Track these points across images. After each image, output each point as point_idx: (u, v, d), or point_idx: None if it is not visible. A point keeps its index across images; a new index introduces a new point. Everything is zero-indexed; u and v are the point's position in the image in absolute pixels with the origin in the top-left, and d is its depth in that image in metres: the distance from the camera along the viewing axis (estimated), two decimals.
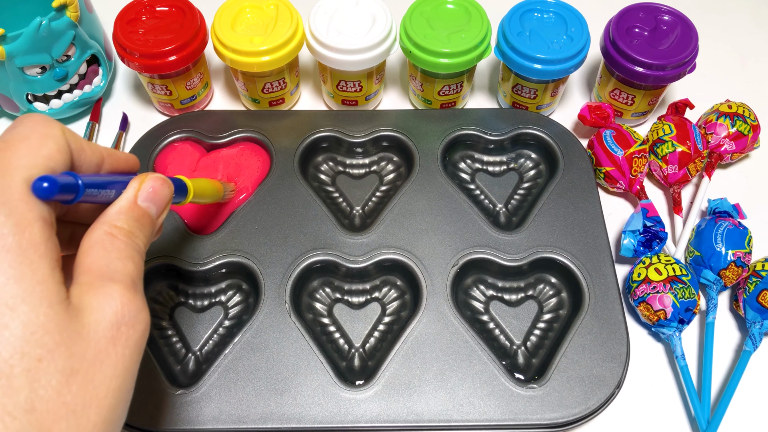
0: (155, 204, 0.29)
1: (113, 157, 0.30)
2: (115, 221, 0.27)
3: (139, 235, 0.28)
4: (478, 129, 0.52)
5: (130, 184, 0.29)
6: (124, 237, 0.27)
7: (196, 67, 0.54)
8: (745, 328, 0.46)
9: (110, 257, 0.26)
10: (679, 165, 0.51)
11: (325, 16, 0.51)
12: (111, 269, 0.26)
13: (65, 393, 0.22)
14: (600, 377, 0.41)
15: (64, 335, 0.23)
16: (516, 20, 0.51)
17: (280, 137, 0.51)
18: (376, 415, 0.40)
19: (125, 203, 0.28)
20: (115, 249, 0.26)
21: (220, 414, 0.40)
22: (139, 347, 0.26)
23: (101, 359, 0.24)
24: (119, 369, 0.24)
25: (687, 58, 0.50)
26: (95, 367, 0.23)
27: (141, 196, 0.29)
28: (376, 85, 0.55)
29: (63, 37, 0.50)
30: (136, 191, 0.29)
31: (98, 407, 0.23)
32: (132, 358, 0.25)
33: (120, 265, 0.26)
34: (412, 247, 0.46)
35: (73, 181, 0.25)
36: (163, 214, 0.30)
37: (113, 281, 0.25)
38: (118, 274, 0.26)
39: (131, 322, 0.25)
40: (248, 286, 0.47)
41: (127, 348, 0.25)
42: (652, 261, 0.46)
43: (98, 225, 0.27)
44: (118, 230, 0.27)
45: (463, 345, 0.42)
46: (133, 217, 0.28)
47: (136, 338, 0.25)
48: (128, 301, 0.25)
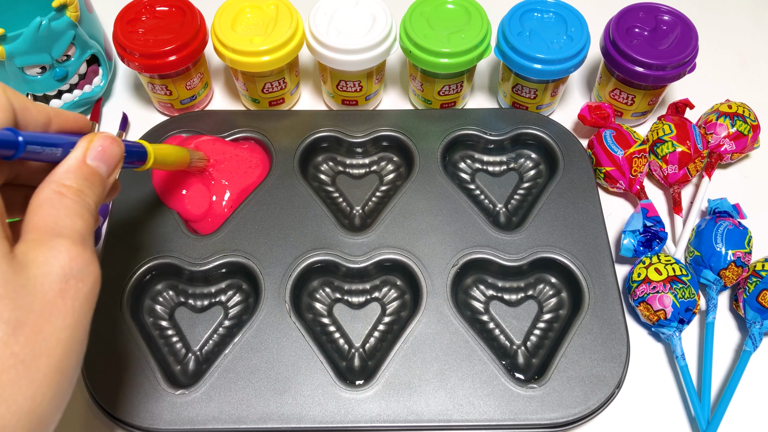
0: (105, 163, 0.29)
1: (61, 117, 0.30)
2: (63, 180, 0.27)
3: (89, 193, 0.28)
4: (478, 129, 0.52)
5: (78, 143, 0.29)
6: (72, 195, 0.27)
7: (196, 67, 0.54)
8: (745, 328, 0.46)
9: (59, 214, 0.26)
10: (679, 165, 0.51)
11: (325, 16, 0.51)
12: (59, 225, 0.25)
13: (12, 343, 0.22)
14: (600, 377, 0.41)
15: (9, 288, 0.23)
16: (516, 20, 0.51)
17: (280, 137, 0.51)
18: (376, 415, 0.40)
19: (74, 162, 0.28)
20: (63, 206, 0.26)
21: (220, 414, 0.40)
22: (89, 300, 0.26)
23: (50, 311, 0.24)
24: (69, 320, 0.24)
25: (687, 58, 0.50)
26: (43, 319, 0.23)
27: (90, 154, 0.28)
28: (376, 85, 0.55)
29: (63, 37, 0.50)
30: (85, 150, 0.28)
31: (48, 357, 0.23)
32: (82, 310, 0.25)
33: (69, 221, 0.26)
34: (412, 247, 0.46)
35: (12, 136, 0.25)
36: (114, 174, 0.30)
37: (61, 236, 0.25)
38: (66, 229, 0.26)
39: (80, 275, 0.25)
40: (248, 286, 0.47)
41: (77, 300, 0.25)
42: (652, 261, 0.46)
43: (46, 184, 0.27)
44: (67, 188, 0.27)
45: (463, 345, 0.42)
46: (82, 176, 0.28)
47: (85, 291, 0.25)
48: (76, 255, 0.25)
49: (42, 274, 0.24)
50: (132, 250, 0.46)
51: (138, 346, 0.42)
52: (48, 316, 0.24)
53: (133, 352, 0.42)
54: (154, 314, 0.46)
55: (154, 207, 0.48)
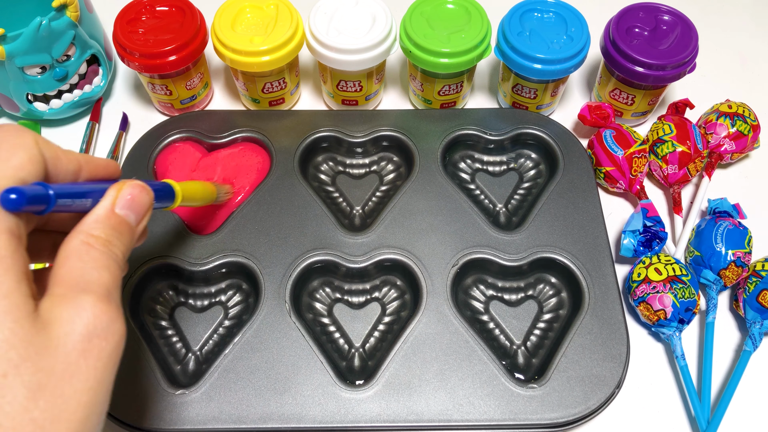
0: (134, 211, 0.29)
1: (91, 164, 0.29)
2: (91, 230, 0.27)
3: (117, 243, 0.27)
4: (478, 129, 0.52)
5: (107, 191, 0.28)
6: (100, 246, 0.26)
7: (196, 67, 0.54)
8: (745, 328, 0.46)
9: (85, 267, 0.25)
10: (679, 165, 0.51)
11: (325, 16, 0.51)
12: (85, 279, 0.25)
13: (32, 408, 0.22)
14: (600, 377, 0.41)
15: (31, 350, 0.22)
16: (516, 20, 0.51)
17: (280, 137, 0.51)
18: (376, 415, 0.40)
19: (102, 211, 0.27)
20: (90, 258, 0.26)
21: (220, 414, 0.40)
22: (112, 359, 0.25)
23: (71, 372, 0.23)
24: (91, 382, 0.24)
25: (687, 58, 0.50)
26: (64, 381, 0.23)
27: (119, 203, 0.28)
28: (376, 85, 0.55)
29: (63, 37, 0.50)
30: (114, 199, 0.28)
31: (68, 422, 0.23)
32: (105, 370, 0.24)
33: (95, 275, 0.25)
34: (412, 247, 0.46)
35: (43, 191, 0.24)
36: (143, 222, 0.30)
37: (86, 292, 0.25)
38: (92, 284, 0.25)
39: (104, 333, 0.24)
40: (248, 286, 0.47)
41: (100, 360, 0.24)
42: (652, 261, 0.46)
43: (74, 234, 0.26)
44: (95, 239, 0.26)
45: (463, 345, 0.42)
46: (110, 226, 0.27)
47: (109, 350, 0.25)
48: (101, 312, 0.24)
49: (65, 333, 0.23)
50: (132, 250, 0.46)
51: (138, 346, 0.42)
52: (69, 378, 0.23)
53: (133, 352, 0.42)
54: (154, 314, 0.46)
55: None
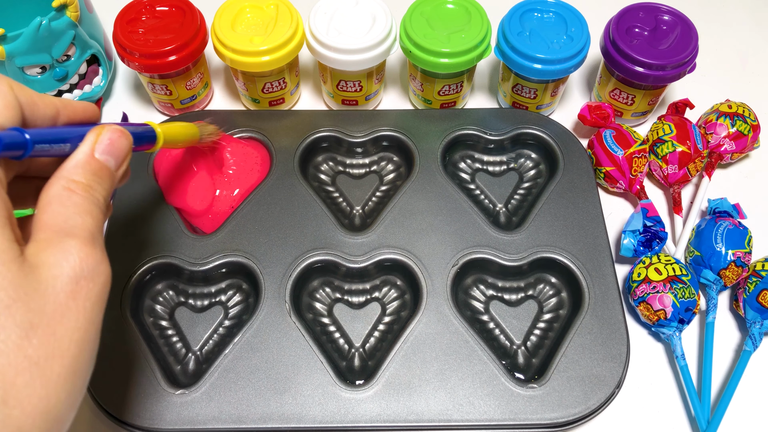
0: (113, 156, 0.29)
1: (69, 108, 0.29)
2: (72, 175, 0.27)
3: (98, 188, 0.27)
4: (478, 129, 0.52)
5: (86, 136, 0.28)
6: (81, 191, 0.27)
7: (196, 67, 0.54)
8: (745, 328, 0.46)
9: (68, 212, 0.26)
10: (679, 165, 0.51)
11: (325, 16, 0.51)
12: (68, 224, 0.25)
13: (26, 346, 0.22)
14: (600, 377, 0.41)
15: (20, 291, 0.23)
16: (516, 20, 0.51)
17: (280, 137, 0.51)
18: (376, 414, 0.40)
19: (82, 156, 0.28)
20: (72, 204, 0.26)
21: (220, 414, 0.40)
22: (100, 299, 0.26)
23: (61, 312, 0.24)
24: (81, 321, 0.24)
25: (687, 58, 0.50)
26: (56, 321, 0.24)
27: (98, 148, 0.28)
28: (376, 85, 0.55)
29: (63, 37, 0.50)
30: (93, 144, 0.28)
31: (62, 358, 0.23)
32: (94, 310, 0.25)
33: (78, 219, 0.26)
34: (412, 247, 0.46)
35: (19, 136, 0.25)
36: (122, 166, 0.30)
37: (71, 236, 0.25)
38: (76, 228, 0.25)
39: (90, 275, 0.25)
40: (248, 286, 0.47)
41: (88, 301, 0.25)
42: (652, 261, 0.46)
43: (55, 180, 0.27)
44: (76, 184, 0.27)
45: (463, 345, 0.42)
46: (90, 171, 0.27)
47: (96, 291, 0.25)
48: (86, 255, 0.25)
49: (53, 276, 0.24)
50: (132, 250, 0.46)
51: (138, 346, 0.42)
52: (60, 317, 0.24)
53: (133, 352, 0.42)
54: (154, 314, 0.46)
55: (154, 206, 0.48)
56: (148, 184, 0.49)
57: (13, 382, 0.22)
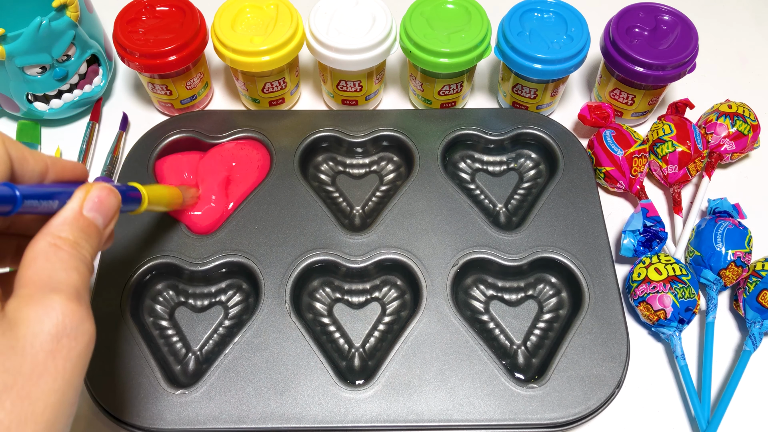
0: (101, 214, 0.28)
1: (58, 165, 0.29)
2: (59, 232, 0.26)
3: (85, 245, 0.27)
4: (478, 129, 0.52)
5: (75, 193, 0.28)
6: (68, 248, 0.26)
7: (196, 67, 0.54)
8: (745, 328, 0.46)
9: (53, 268, 0.25)
10: (679, 165, 0.51)
11: (325, 16, 0.51)
12: (54, 280, 0.25)
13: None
14: (600, 377, 0.41)
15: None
16: (516, 20, 0.52)
17: (280, 137, 0.51)
18: (376, 414, 0.40)
19: (70, 213, 0.27)
20: (58, 259, 0.25)
21: (220, 414, 0.40)
22: (81, 360, 0.25)
23: (39, 373, 0.23)
24: (59, 383, 0.23)
25: (687, 58, 0.50)
26: (32, 382, 0.22)
27: (86, 206, 0.28)
28: (376, 85, 0.55)
29: (63, 37, 0.50)
30: (81, 201, 0.28)
31: (35, 423, 0.22)
32: (74, 371, 0.24)
33: (63, 275, 0.25)
34: (412, 247, 0.46)
35: (9, 192, 0.24)
36: (110, 225, 0.29)
37: (55, 291, 0.24)
38: (61, 284, 0.25)
39: (73, 333, 0.24)
40: (248, 286, 0.47)
41: (69, 361, 0.24)
42: (652, 261, 0.46)
43: (41, 236, 0.26)
44: (63, 241, 0.26)
45: (463, 345, 0.42)
46: (78, 228, 0.27)
47: (78, 350, 0.24)
48: (70, 312, 0.24)
49: (32, 334, 0.23)
50: (132, 250, 0.46)
51: (138, 346, 0.42)
52: (37, 379, 0.23)
53: (133, 352, 0.42)
54: (154, 314, 0.46)
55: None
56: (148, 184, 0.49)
57: None
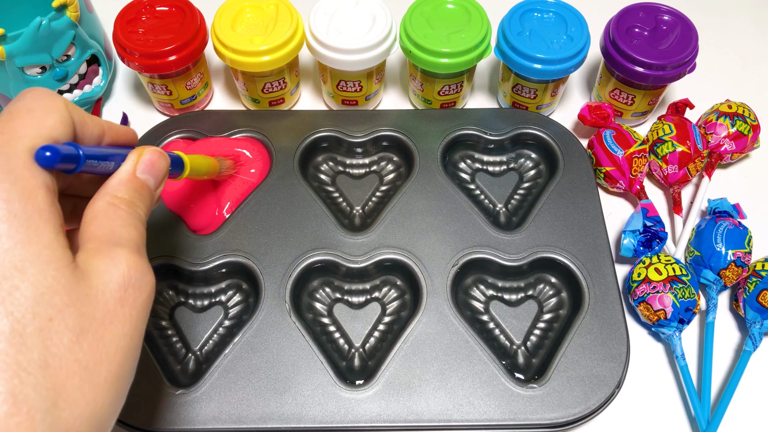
0: (153, 176, 0.30)
1: (113, 130, 0.31)
2: (116, 192, 0.28)
3: (140, 204, 0.29)
4: (478, 129, 0.52)
5: (128, 156, 0.30)
6: (125, 206, 0.28)
7: (196, 67, 0.54)
8: (745, 328, 0.46)
9: (114, 225, 0.27)
10: (679, 165, 0.51)
11: (325, 16, 0.51)
12: (116, 235, 0.27)
13: (77, 350, 0.23)
14: (600, 377, 0.41)
15: (73, 296, 0.24)
16: (516, 20, 0.52)
17: (280, 137, 0.51)
18: (376, 415, 0.40)
19: (125, 175, 0.29)
20: (118, 217, 0.27)
21: (220, 414, 0.40)
22: (145, 308, 0.27)
23: (110, 319, 0.25)
24: (127, 328, 0.25)
25: (687, 58, 0.50)
26: (104, 327, 0.24)
27: (140, 167, 0.30)
28: (376, 85, 0.55)
29: (63, 37, 0.50)
30: (135, 163, 0.30)
31: (109, 363, 0.24)
32: (139, 317, 0.26)
33: (124, 231, 0.27)
34: (412, 247, 0.46)
35: (74, 151, 0.26)
36: (160, 186, 0.31)
37: (119, 246, 0.26)
38: (123, 239, 0.27)
39: (138, 284, 0.26)
40: (248, 286, 0.47)
41: (135, 309, 0.26)
42: (652, 261, 0.46)
43: (100, 196, 0.28)
44: (120, 200, 0.28)
45: (463, 345, 0.42)
46: (133, 188, 0.29)
47: (143, 300, 0.26)
48: (134, 264, 0.26)
49: (103, 283, 0.25)
50: None
51: None
52: (109, 324, 0.25)
53: None
54: (154, 314, 0.46)
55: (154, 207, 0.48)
56: None
57: (64, 385, 0.23)
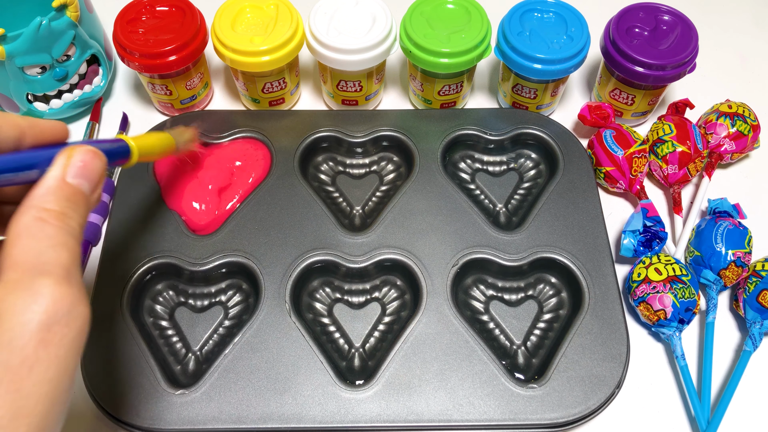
0: (87, 179, 0.26)
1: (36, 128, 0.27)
2: (43, 203, 0.24)
3: (73, 215, 0.25)
4: (478, 129, 0.52)
5: (56, 159, 0.26)
6: (55, 220, 0.24)
7: (196, 67, 0.54)
8: (745, 328, 0.46)
9: (40, 246, 0.23)
10: (679, 165, 0.51)
11: (325, 16, 0.51)
12: (41, 260, 0.23)
13: None
14: (600, 377, 0.41)
15: None
16: (516, 20, 0.51)
17: (280, 137, 0.51)
18: (376, 415, 0.40)
19: (53, 182, 0.25)
20: (45, 236, 0.24)
21: (220, 414, 0.40)
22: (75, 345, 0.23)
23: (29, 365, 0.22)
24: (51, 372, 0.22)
25: (687, 58, 0.50)
26: (21, 375, 0.21)
27: (70, 172, 0.26)
28: (376, 85, 0.55)
29: (63, 37, 0.50)
30: (64, 167, 0.26)
31: (29, 416, 0.21)
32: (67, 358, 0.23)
33: (52, 254, 0.23)
34: (412, 247, 0.46)
35: None
36: (97, 189, 0.27)
37: (43, 274, 0.23)
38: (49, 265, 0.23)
39: (65, 319, 0.23)
40: (248, 286, 0.47)
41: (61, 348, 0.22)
42: (652, 261, 0.46)
43: (25, 209, 0.24)
44: (48, 213, 0.24)
45: (463, 345, 0.42)
46: (63, 197, 0.25)
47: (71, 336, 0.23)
48: (61, 296, 0.23)
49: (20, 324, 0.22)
50: (132, 250, 0.46)
51: (138, 346, 0.42)
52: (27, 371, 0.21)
53: (133, 352, 0.42)
54: (154, 314, 0.46)
55: (154, 207, 0.48)
56: (148, 183, 0.49)
57: None
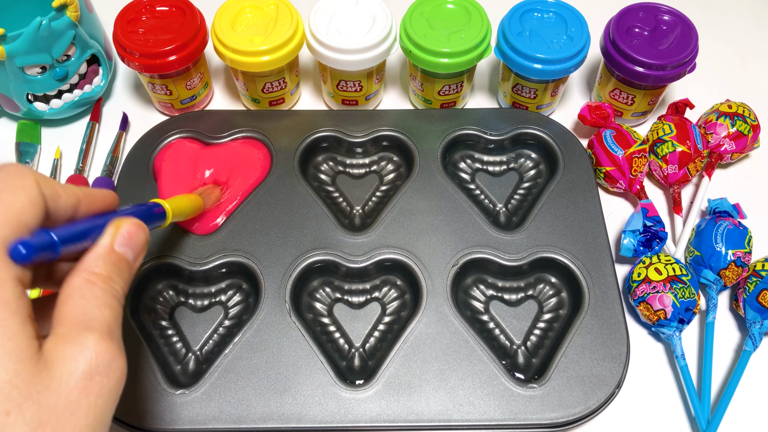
0: (131, 248, 0.30)
1: (90, 197, 0.30)
2: (93, 267, 0.28)
3: (117, 280, 0.28)
4: (478, 129, 0.52)
5: (106, 229, 0.29)
6: (102, 283, 0.27)
7: (196, 67, 0.54)
8: (745, 328, 0.46)
9: (88, 305, 0.26)
10: (679, 165, 0.51)
11: (325, 16, 0.51)
12: (88, 317, 0.26)
13: None
14: (600, 377, 0.41)
15: (33, 389, 0.23)
16: (516, 20, 0.51)
17: (280, 137, 0.51)
18: (376, 414, 0.40)
19: (102, 249, 0.28)
20: (93, 296, 0.27)
21: (220, 414, 0.40)
22: (113, 395, 0.26)
23: (72, 410, 0.24)
24: (90, 419, 0.25)
25: (687, 58, 0.50)
26: (65, 419, 0.24)
27: (118, 241, 0.29)
28: (376, 85, 0.55)
29: (63, 37, 0.50)
30: (113, 237, 0.29)
31: None
32: (105, 406, 0.26)
33: (98, 312, 0.26)
34: (412, 247, 0.46)
35: (48, 239, 0.25)
36: (140, 258, 0.31)
37: (89, 330, 0.26)
38: (94, 322, 0.26)
39: (105, 371, 0.26)
40: (248, 285, 0.47)
41: (101, 397, 0.25)
42: (652, 261, 0.46)
43: (77, 272, 0.27)
44: (96, 276, 0.27)
45: (463, 345, 0.42)
46: (110, 263, 0.28)
47: (110, 387, 0.26)
48: (103, 351, 0.26)
49: (67, 372, 0.24)
50: None
51: (138, 346, 0.42)
52: (70, 415, 0.24)
53: (133, 352, 0.42)
54: (154, 314, 0.46)
55: None
56: (148, 184, 0.49)
57: None
